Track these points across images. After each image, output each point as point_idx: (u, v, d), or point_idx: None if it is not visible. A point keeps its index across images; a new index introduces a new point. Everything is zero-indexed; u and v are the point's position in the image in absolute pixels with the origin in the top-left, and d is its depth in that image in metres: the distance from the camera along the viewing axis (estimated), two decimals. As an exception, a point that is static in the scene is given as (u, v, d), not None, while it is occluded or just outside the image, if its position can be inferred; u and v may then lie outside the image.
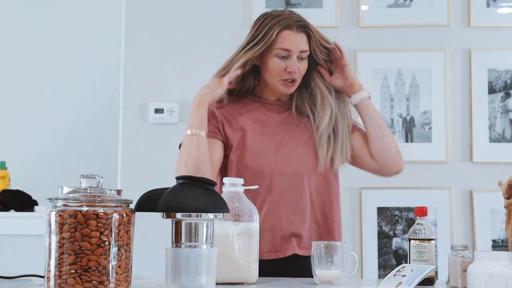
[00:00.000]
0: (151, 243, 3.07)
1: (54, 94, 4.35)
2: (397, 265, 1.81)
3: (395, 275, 1.61)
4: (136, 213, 1.48)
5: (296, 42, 2.02)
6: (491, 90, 3.37)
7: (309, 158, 2.04)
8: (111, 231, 1.39)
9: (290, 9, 2.19)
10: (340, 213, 2.09)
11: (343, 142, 2.05)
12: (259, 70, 2.11)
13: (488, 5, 3.39)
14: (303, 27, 2.04)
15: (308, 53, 2.05)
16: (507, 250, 1.72)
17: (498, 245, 3.28)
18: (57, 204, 1.40)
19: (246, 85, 2.13)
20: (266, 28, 2.03)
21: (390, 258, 3.26)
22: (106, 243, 1.38)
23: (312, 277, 1.71)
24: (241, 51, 2.06)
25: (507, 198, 1.69)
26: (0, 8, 4.41)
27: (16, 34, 4.40)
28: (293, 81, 2.05)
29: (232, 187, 1.71)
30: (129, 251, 1.44)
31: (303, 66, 2.05)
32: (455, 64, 3.39)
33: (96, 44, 4.38)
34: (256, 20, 2.09)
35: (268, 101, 2.12)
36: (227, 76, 2.05)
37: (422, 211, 1.82)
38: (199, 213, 1.43)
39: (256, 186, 1.93)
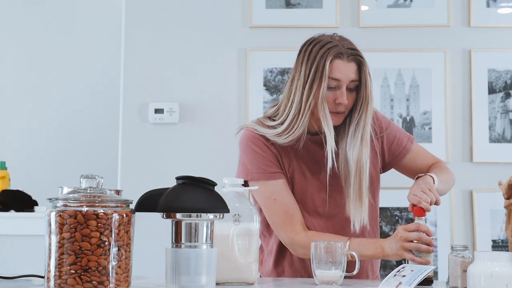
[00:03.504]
0: (151, 243, 3.07)
1: (54, 94, 4.36)
2: (397, 265, 1.81)
3: (395, 275, 1.61)
4: (136, 213, 1.48)
5: (346, 71, 1.90)
6: (491, 90, 3.37)
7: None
8: (111, 231, 1.39)
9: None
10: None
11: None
12: None
13: (488, 5, 3.39)
14: (354, 55, 1.93)
15: (357, 83, 1.93)
16: (507, 250, 1.72)
17: (498, 245, 3.28)
18: (57, 204, 1.40)
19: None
20: (317, 58, 1.91)
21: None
22: (106, 243, 1.38)
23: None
24: (303, 89, 1.91)
25: (507, 198, 1.69)
26: (0, 9, 4.41)
27: (16, 35, 4.40)
28: (340, 112, 1.94)
29: (232, 187, 1.71)
30: (129, 251, 1.44)
31: (352, 97, 1.93)
32: (455, 64, 3.39)
33: (96, 44, 4.38)
34: (304, 46, 1.96)
35: (311, 134, 2.00)
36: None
37: (420, 211, 1.82)
38: (199, 213, 1.43)
39: (256, 187, 1.93)
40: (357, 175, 1.94)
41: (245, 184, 1.98)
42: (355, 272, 1.73)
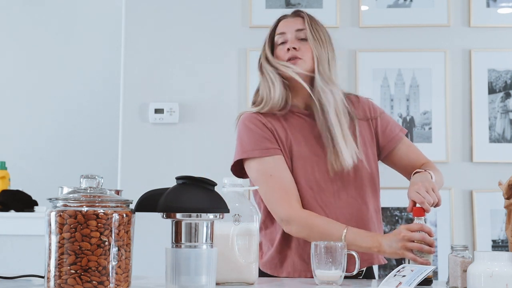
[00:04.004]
0: (151, 243, 3.07)
1: (54, 94, 4.36)
2: (397, 265, 1.81)
3: (395, 275, 1.61)
4: (136, 213, 1.48)
5: (289, 24, 2.06)
6: (491, 90, 3.37)
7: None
8: (111, 231, 1.39)
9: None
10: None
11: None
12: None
13: (488, 5, 3.40)
14: (296, 11, 2.09)
15: (306, 31, 2.03)
16: (507, 250, 1.72)
17: (498, 245, 3.28)
18: (57, 204, 1.40)
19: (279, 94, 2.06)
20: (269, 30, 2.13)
21: (390, 258, 3.26)
22: (106, 243, 1.38)
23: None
24: (263, 52, 2.13)
25: (507, 198, 1.69)
26: (0, 9, 4.41)
27: (16, 35, 4.40)
28: (295, 58, 2.02)
29: (232, 187, 1.71)
30: (129, 251, 1.44)
31: (305, 46, 2.03)
32: (455, 64, 3.39)
33: (96, 44, 4.38)
34: None
35: (296, 109, 2.06)
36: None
37: (420, 211, 1.81)
38: (199, 213, 1.43)
39: (257, 187, 1.93)
40: (335, 116, 1.98)
41: (241, 164, 2.01)
42: (355, 272, 1.73)
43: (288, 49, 2.02)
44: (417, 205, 1.83)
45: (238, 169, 2.05)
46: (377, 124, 2.11)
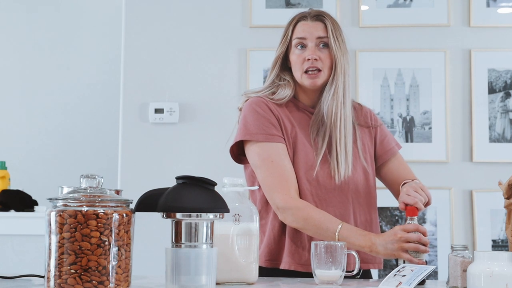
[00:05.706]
0: (151, 243, 3.07)
1: (54, 94, 4.36)
2: (397, 265, 1.81)
3: (395, 275, 1.61)
4: (136, 213, 1.48)
5: (310, 29, 2.02)
6: (491, 90, 3.37)
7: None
8: (111, 231, 1.39)
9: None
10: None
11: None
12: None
13: (488, 5, 3.40)
14: (318, 15, 2.04)
15: (327, 40, 2.02)
16: (507, 250, 1.72)
17: (498, 245, 3.28)
18: (57, 204, 1.40)
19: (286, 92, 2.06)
20: (286, 27, 2.08)
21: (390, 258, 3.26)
22: (106, 243, 1.38)
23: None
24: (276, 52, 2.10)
25: (507, 198, 1.69)
26: (0, 9, 4.41)
27: (16, 34, 4.40)
28: (315, 70, 2.00)
29: (232, 187, 1.71)
30: (129, 251, 1.44)
31: (325, 54, 2.01)
32: (455, 64, 3.39)
33: (96, 44, 4.38)
34: None
35: (302, 105, 2.07)
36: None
37: (414, 211, 1.82)
38: (199, 213, 1.43)
39: (257, 187, 1.93)
40: (329, 129, 1.98)
41: (241, 148, 2.01)
42: (355, 272, 1.73)
43: (308, 59, 2.00)
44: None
45: (236, 153, 2.05)
46: (376, 132, 2.13)
